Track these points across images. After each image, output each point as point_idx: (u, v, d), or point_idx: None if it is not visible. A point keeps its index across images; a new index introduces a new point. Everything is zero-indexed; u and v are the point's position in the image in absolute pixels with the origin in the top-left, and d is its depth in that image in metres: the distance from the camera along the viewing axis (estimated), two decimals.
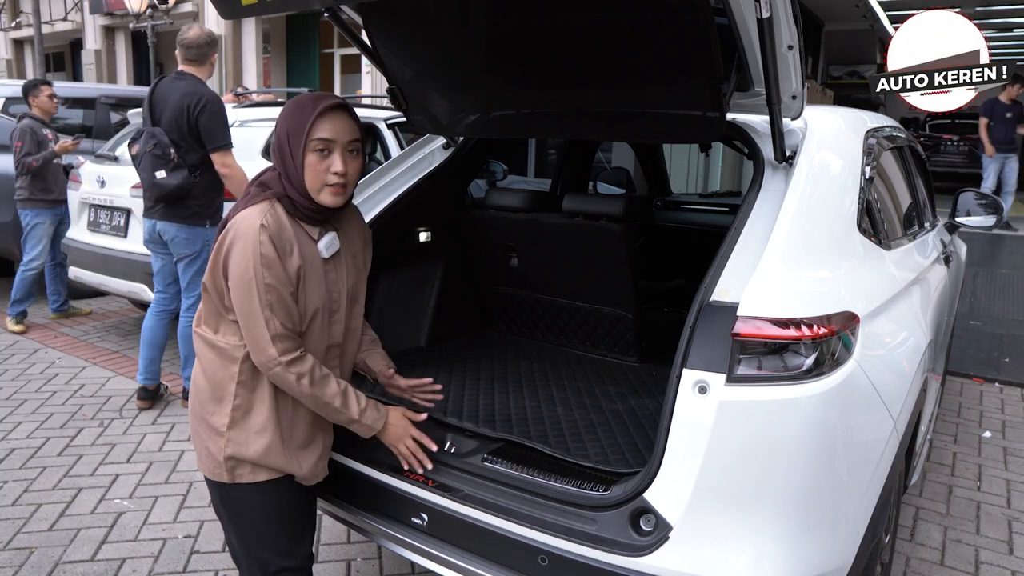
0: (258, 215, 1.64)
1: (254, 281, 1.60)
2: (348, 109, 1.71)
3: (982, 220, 3.65)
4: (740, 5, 1.53)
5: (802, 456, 1.56)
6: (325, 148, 1.66)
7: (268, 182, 1.72)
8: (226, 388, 1.71)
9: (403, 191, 2.69)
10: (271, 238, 1.62)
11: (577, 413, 2.28)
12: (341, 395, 1.73)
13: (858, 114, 2.58)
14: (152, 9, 14.95)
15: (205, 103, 3.63)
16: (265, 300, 1.61)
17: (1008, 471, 3.53)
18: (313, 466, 1.82)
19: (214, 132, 3.65)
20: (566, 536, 1.66)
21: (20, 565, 2.61)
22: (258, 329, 1.63)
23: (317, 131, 1.65)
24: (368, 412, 1.78)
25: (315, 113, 1.65)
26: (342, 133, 1.68)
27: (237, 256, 1.62)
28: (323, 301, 1.75)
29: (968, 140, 15.04)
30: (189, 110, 3.60)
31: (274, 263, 1.62)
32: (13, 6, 22.24)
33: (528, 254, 2.85)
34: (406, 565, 2.65)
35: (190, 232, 3.75)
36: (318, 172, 1.67)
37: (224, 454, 1.72)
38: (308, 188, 1.68)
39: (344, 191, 1.71)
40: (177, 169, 3.63)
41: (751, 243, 1.74)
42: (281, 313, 1.64)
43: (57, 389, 4.21)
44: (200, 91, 3.68)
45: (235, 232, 1.64)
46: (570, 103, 2.33)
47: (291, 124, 1.67)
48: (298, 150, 1.66)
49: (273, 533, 1.79)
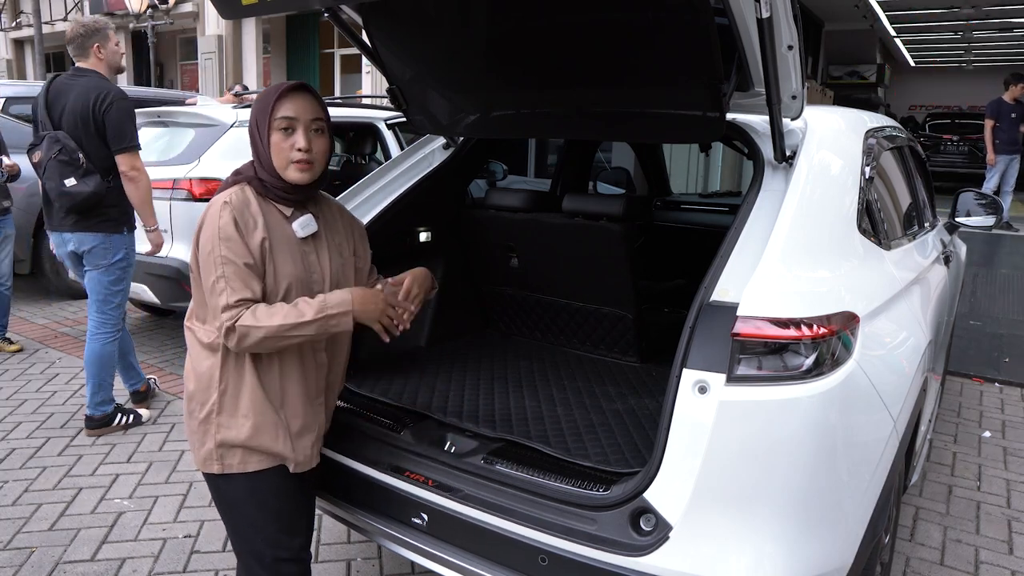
0: (224, 195, 1.73)
1: (212, 254, 1.67)
2: (310, 90, 1.79)
3: (982, 220, 3.65)
4: (740, 5, 1.53)
5: (802, 456, 1.56)
6: (288, 126, 1.73)
7: (241, 170, 1.82)
8: (212, 376, 1.74)
9: (403, 191, 2.69)
10: (232, 213, 1.69)
11: (577, 413, 2.28)
12: (292, 309, 1.68)
13: (858, 114, 2.58)
14: (152, 9, 14.96)
15: (112, 99, 3.34)
16: (220, 272, 1.66)
17: (1008, 471, 3.53)
18: (307, 450, 1.82)
19: (123, 131, 3.36)
20: (566, 536, 1.66)
21: (20, 565, 2.62)
22: (214, 299, 1.67)
23: (280, 110, 1.73)
24: (330, 299, 1.72)
25: (277, 94, 1.74)
26: (304, 111, 1.74)
27: (203, 234, 1.71)
28: (298, 276, 1.76)
29: (968, 140, 15.06)
30: (95, 107, 3.31)
31: (232, 236, 1.67)
32: (13, 6, 22.25)
33: (528, 254, 2.85)
34: (406, 565, 2.65)
35: (109, 240, 3.47)
36: (283, 149, 1.73)
37: (215, 440, 1.73)
38: (276, 167, 1.74)
39: (311, 168, 1.76)
40: (88, 175, 3.34)
41: (751, 243, 1.74)
42: (236, 284, 1.66)
43: (57, 389, 4.21)
44: (105, 86, 3.39)
45: (204, 213, 1.73)
46: (570, 103, 2.33)
47: (258, 108, 1.76)
48: (264, 130, 1.74)
49: (266, 524, 1.79)
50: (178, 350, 4.98)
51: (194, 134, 4.76)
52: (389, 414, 2.21)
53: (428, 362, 2.71)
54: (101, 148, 3.37)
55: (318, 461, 1.89)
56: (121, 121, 3.36)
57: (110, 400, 3.67)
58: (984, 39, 17.11)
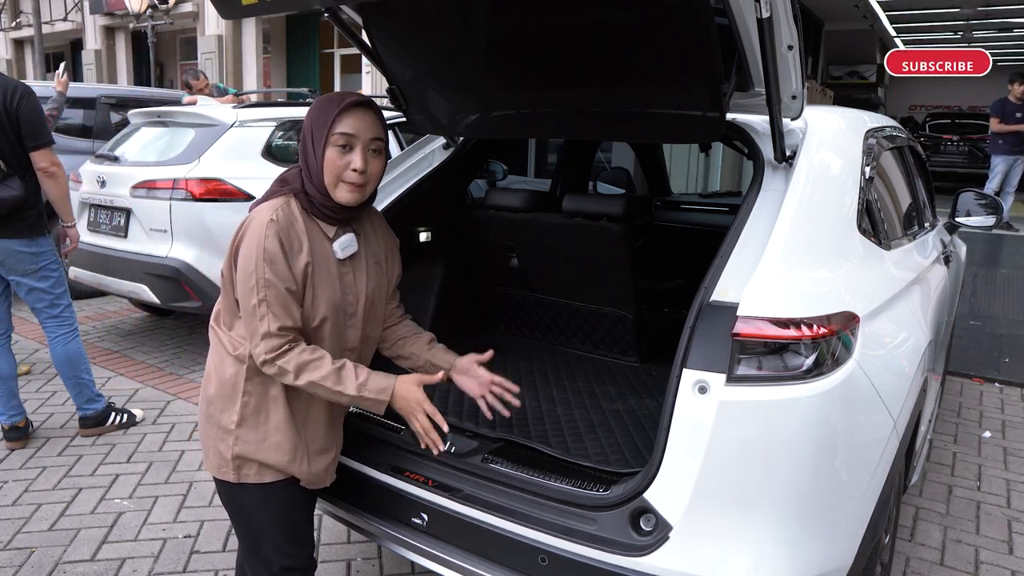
0: (270, 210, 1.64)
1: (254, 275, 1.61)
2: (374, 107, 1.71)
3: (982, 220, 3.65)
4: (740, 5, 1.53)
5: (802, 456, 1.56)
6: (347, 143, 1.65)
7: (288, 178, 1.73)
8: (236, 386, 1.71)
9: (403, 191, 2.69)
10: (278, 233, 1.62)
11: (577, 413, 2.28)
12: (335, 374, 1.65)
13: (858, 114, 2.58)
14: (152, 9, 14.95)
15: (22, 93, 3.15)
16: (262, 295, 1.61)
17: (1008, 471, 3.53)
18: (323, 471, 1.82)
19: (38, 126, 3.20)
20: (566, 536, 1.66)
21: (20, 565, 2.62)
22: (254, 323, 1.63)
23: (339, 126, 1.65)
24: (371, 382, 1.68)
25: (339, 108, 1.65)
26: (365, 130, 1.67)
27: (245, 249, 1.64)
28: (335, 302, 1.72)
29: (968, 140, 15.06)
30: (5, 103, 3.11)
31: (277, 259, 1.61)
32: (13, 6, 22.25)
33: (528, 254, 2.85)
34: (406, 565, 2.65)
35: (33, 244, 3.31)
36: (337, 167, 1.66)
37: (232, 452, 1.71)
38: (326, 183, 1.67)
39: (362, 190, 1.70)
40: (8, 179, 3.17)
41: (751, 243, 1.74)
42: (278, 310, 1.62)
43: (57, 389, 4.21)
44: (10, 81, 3.21)
45: (248, 225, 1.65)
46: (570, 103, 2.33)
47: (316, 119, 1.68)
48: (320, 144, 1.65)
49: (277, 534, 1.79)
50: (178, 350, 4.98)
51: (194, 134, 4.76)
52: (389, 414, 2.21)
53: None
54: (16, 146, 3.19)
55: (333, 480, 1.87)
56: (37, 115, 3.20)
57: (97, 396, 3.66)
58: (984, 39, 17.09)
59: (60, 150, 3.59)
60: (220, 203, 4.45)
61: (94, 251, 4.79)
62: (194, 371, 4.57)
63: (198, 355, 4.84)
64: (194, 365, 4.67)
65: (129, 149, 5.03)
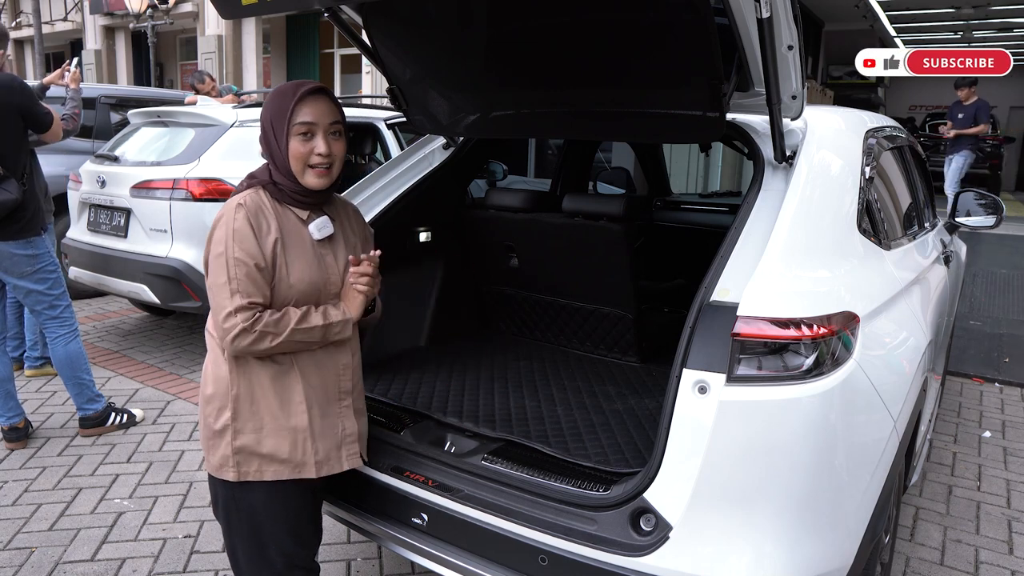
0: (238, 197, 1.72)
1: (224, 255, 1.66)
2: (328, 93, 1.77)
3: (982, 220, 3.65)
4: (740, 5, 1.53)
5: (802, 456, 1.56)
6: (308, 131, 1.72)
7: (256, 173, 1.80)
8: (229, 380, 1.73)
9: (403, 191, 2.69)
10: (246, 215, 1.68)
11: (577, 413, 2.28)
12: (303, 316, 1.70)
13: (858, 114, 2.58)
14: (152, 9, 14.96)
15: (14, 84, 3.19)
16: (232, 272, 1.65)
17: (1008, 471, 3.53)
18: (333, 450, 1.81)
19: (37, 112, 3.26)
20: (566, 536, 1.66)
21: (20, 565, 2.61)
22: (223, 300, 1.65)
23: (299, 115, 1.71)
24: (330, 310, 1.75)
25: (296, 98, 1.71)
26: (323, 116, 1.73)
27: (216, 234, 1.70)
28: (316, 281, 1.76)
29: None
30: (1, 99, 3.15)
31: (247, 237, 1.66)
32: (13, 6, 22.25)
33: (528, 254, 2.85)
34: (406, 565, 2.65)
35: (29, 245, 3.30)
36: (302, 154, 1.72)
37: (232, 447, 1.72)
38: (293, 171, 1.73)
39: (329, 172, 1.76)
40: (4, 181, 3.16)
41: (751, 243, 1.74)
42: (249, 287, 1.65)
43: (57, 389, 4.21)
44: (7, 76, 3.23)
45: (218, 214, 1.72)
46: (570, 103, 2.33)
47: (274, 112, 1.73)
48: (282, 135, 1.72)
49: (280, 534, 1.79)
50: (178, 350, 4.98)
51: (194, 134, 4.76)
52: (389, 414, 2.22)
53: (428, 362, 2.71)
54: (11, 144, 3.20)
55: (348, 467, 1.86)
56: (32, 102, 3.27)
57: (97, 396, 3.66)
58: (984, 39, 17.08)
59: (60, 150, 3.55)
60: (220, 203, 4.43)
61: (94, 251, 4.79)
62: (194, 371, 4.57)
63: (198, 355, 4.84)
64: (194, 365, 4.67)
65: (129, 149, 5.03)
